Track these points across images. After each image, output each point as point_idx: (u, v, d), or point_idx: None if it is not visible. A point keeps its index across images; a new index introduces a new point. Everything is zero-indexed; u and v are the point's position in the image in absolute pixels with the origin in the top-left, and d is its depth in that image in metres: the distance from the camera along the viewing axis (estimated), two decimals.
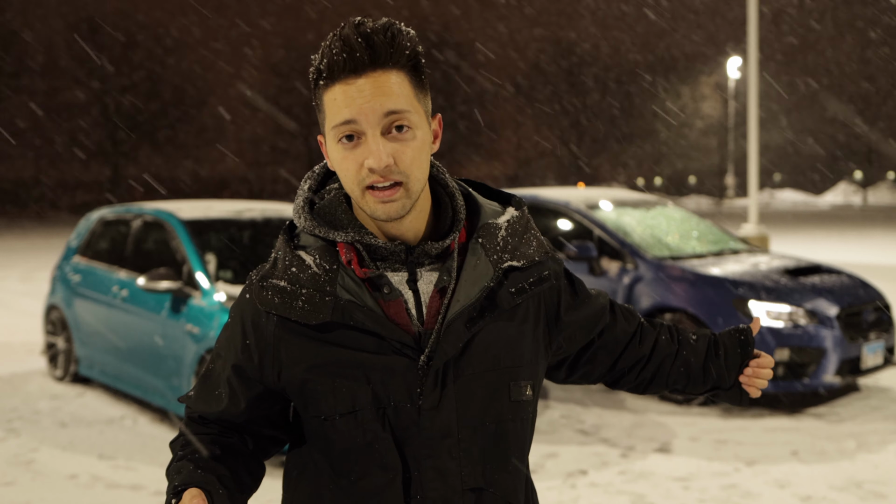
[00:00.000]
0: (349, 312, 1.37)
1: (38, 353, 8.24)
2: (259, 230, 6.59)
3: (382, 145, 1.33)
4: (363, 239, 1.40)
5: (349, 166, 1.35)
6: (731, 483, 4.80)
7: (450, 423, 1.40)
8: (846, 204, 54.63)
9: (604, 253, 7.03)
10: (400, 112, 1.34)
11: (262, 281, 1.44)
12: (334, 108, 1.35)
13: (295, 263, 1.41)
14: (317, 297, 1.38)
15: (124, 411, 6.47)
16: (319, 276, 1.39)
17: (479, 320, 1.41)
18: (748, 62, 13.63)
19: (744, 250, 7.59)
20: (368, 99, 1.32)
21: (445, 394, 1.40)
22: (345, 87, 1.33)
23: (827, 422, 5.99)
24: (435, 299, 1.42)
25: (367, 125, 1.33)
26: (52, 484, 4.91)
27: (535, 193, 7.98)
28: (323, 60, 1.35)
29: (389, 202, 1.35)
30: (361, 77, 1.33)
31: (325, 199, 1.47)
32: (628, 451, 5.37)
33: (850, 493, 4.61)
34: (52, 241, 23.25)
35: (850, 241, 22.27)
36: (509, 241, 1.46)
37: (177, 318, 5.67)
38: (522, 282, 1.46)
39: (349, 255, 1.41)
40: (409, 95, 1.36)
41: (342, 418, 1.41)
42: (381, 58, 1.33)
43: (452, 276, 1.42)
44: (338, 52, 1.32)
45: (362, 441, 1.41)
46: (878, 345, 6.48)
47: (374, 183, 1.34)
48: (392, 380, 1.39)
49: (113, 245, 7.07)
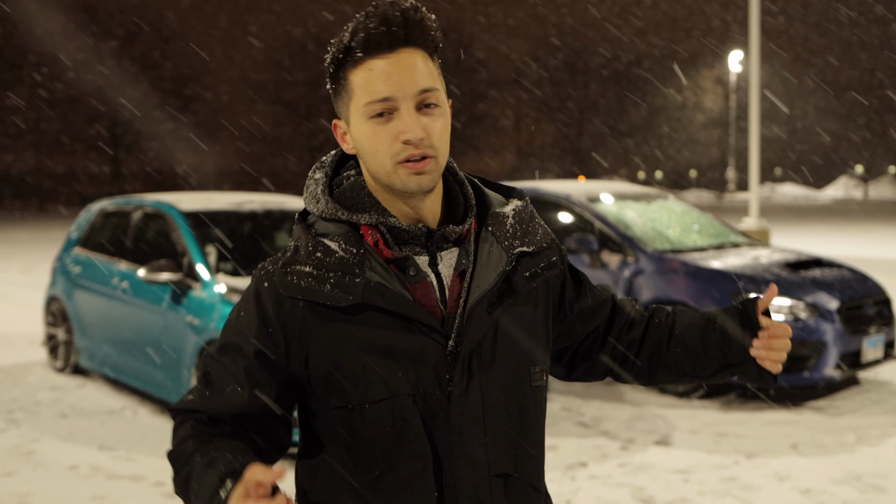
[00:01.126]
0: (379, 294, 1.37)
1: (38, 345, 8.25)
2: (260, 222, 6.59)
3: (417, 118, 1.36)
4: (387, 221, 1.41)
5: (381, 140, 1.37)
6: (730, 476, 4.80)
7: (477, 410, 1.42)
8: (847, 198, 54.61)
9: (605, 246, 7.03)
10: (432, 90, 1.38)
11: (285, 267, 1.42)
12: (367, 85, 1.36)
13: (320, 249, 1.40)
14: (346, 280, 1.37)
15: (125, 402, 6.48)
16: (347, 260, 1.39)
17: (498, 305, 1.43)
18: (749, 56, 13.61)
19: (744, 244, 7.59)
20: (405, 76, 1.35)
21: (472, 381, 1.41)
22: (380, 62, 1.35)
23: (827, 415, 5.99)
24: (455, 283, 1.43)
25: (403, 101, 1.35)
26: (53, 475, 4.92)
27: (536, 186, 7.97)
28: (357, 36, 1.35)
29: (422, 174, 1.37)
30: (394, 53, 1.35)
31: (344, 184, 1.48)
32: (628, 443, 5.38)
33: (849, 486, 4.61)
34: (52, 233, 23.25)
35: (850, 235, 22.26)
36: (518, 228, 1.48)
37: (177, 309, 5.68)
38: (534, 267, 1.48)
39: (375, 237, 1.42)
40: (434, 74, 1.40)
41: (372, 406, 1.39)
42: (414, 36, 1.36)
43: (470, 259, 1.44)
44: (375, 26, 1.34)
45: (392, 430, 1.39)
46: (878, 339, 6.48)
47: (409, 156, 1.36)
48: (422, 366, 1.39)
49: (113, 237, 7.06)
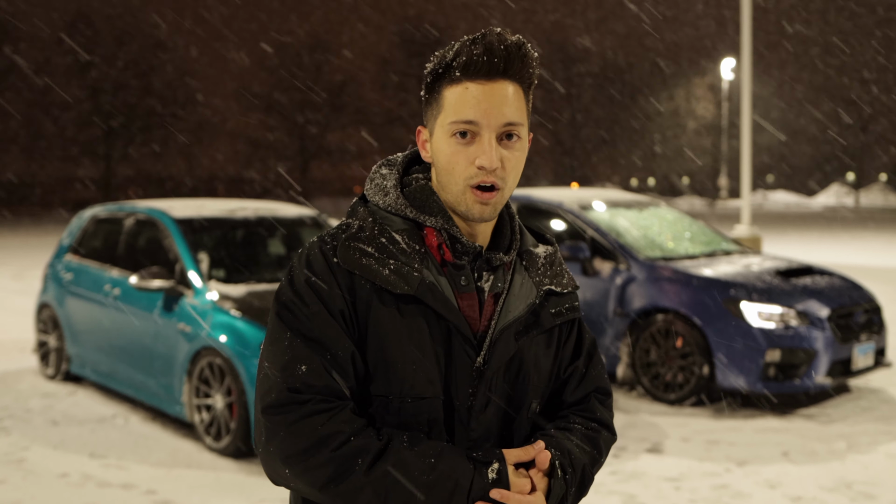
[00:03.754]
0: (433, 293, 1.42)
1: (29, 352, 8.22)
2: (252, 229, 6.59)
3: (496, 149, 1.42)
4: (451, 229, 1.46)
5: (459, 160, 1.42)
6: (721, 483, 4.81)
7: (491, 428, 1.47)
8: (838, 205, 54.76)
9: (597, 253, 7.04)
10: (516, 124, 1.44)
11: (348, 241, 1.44)
12: (457, 105, 1.41)
13: (385, 235, 1.45)
14: (405, 269, 1.42)
15: (116, 410, 6.46)
16: (408, 253, 1.44)
17: (524, 335, 1.49)
18: (741, 63, 13.66)
19: (736, 251, 7.61)
20: (494, 105, 1.41)
21: (491, 399, 1.46)
22: (475, 86, 1.41)
23: (818, 423, 6.01)
24: (489, 304, 1.48)
25: (486, 128, 1.41)
26: (43, 482, 4.90)
27: (529, 194, 7.98)
28: (459, 57, 1.41)
29: (486, 204, 1.43)
30: (490, 82, 1.41)
31: (414, 185, 1.52)
32: (620, 451, 5.38)
33: (840, 494, 4.63)
34: (44, 240, 23.17)
35: (842, 243, 22.33)
36: (548, 268, 1.56)
37: (169, 316, 5.67)
38: (559, 306, 1.56)
39: (440, 240, 1.47)
40: (523, 110, 1.46)
41: (414, 402, 1.43)
42: (514, 70, 1.42)
43: (505, 286, 1.49)
44: (479, 53, 1.40)
45: (425, 429, 1.43)
46: (868, 346, 6.51)
47: (481, 182, 1.41)
48: (453, 374, 1.44)
49: (105, 243, 7.05)
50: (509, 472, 1.39)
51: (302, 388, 1.37)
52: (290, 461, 1.36)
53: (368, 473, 1.33)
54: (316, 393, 1.38)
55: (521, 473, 1.41)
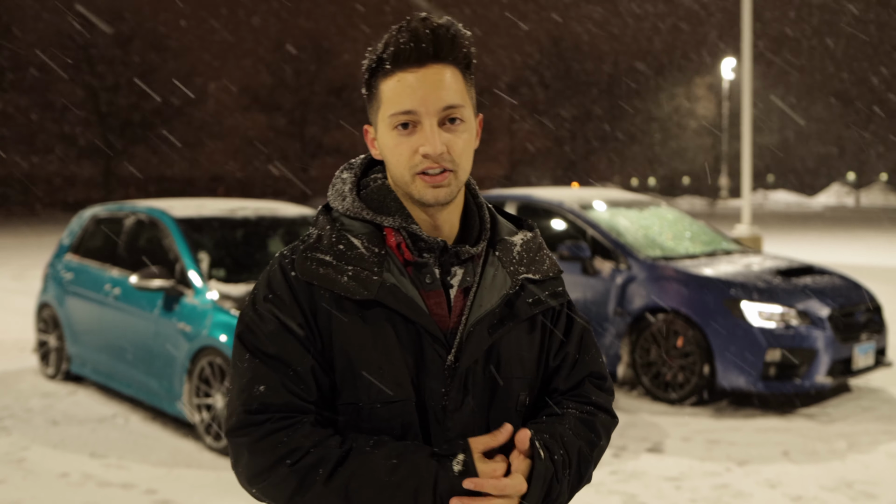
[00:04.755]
0: (394, 295, 1.40)
1: (29, 352, 8.22)
2: (252, 229, 6.59)
3: (438, 134, 1.39)
4: (409, 227, 1.44)
5: (403, 151, 1.41)
6: (722, 483, 4.81)
7: (468, 426, 1.44)
8: (839, 205, 54.76)
9: (597, 253, 7.04)
10: (456, 106, 1.41)
11: (305, 252, 1.44)
12: (393, 97, 1.40)
13: (343, 242, 1.44)
14: (363, 275, 1.41)
15: (116, 410, 6.45)
16: (367, 258, 1.42)
17: (499, 327, 1.46)
18: (742, 63, 13.66)
19: (736, 251, 7.61)
20: (429, 91, 1.39)
21: (466, 396, 1.44)
22: (407, 76, 1.39)
23: (818, 422, 6.01)
24: (459, 298, 1.46)
25: (426, 115, 1.39)
26: (44, 482, 4.90)
27: (529, 193, 7.98)
28: (387, 49, 1.40)
29: (439, 187, 1.41)
30: (423, 68, 1.39)
31: (372, 186, 1.51)
32: (620, 450, 5.38)
33: (840, 494, 4.62)
34: (44, 239, 23.18)
35: (842, 243, 22.33)
36: (524, 256, 1.52)
37: (169, 316, 5.67)
38: (538, 294, 1.51)
39: (398, 240, 1.45)
40: (462, 91, 1.43)
41: (384, 407, 1.41)
42: (444, 52, 1.40)
43: (476, 279, 1.46)
44: (405, 41, 1.39)
45: (396, 434, 1.41)
46: (869, 346, 6.51)
47: (426, 169, 1.40)
48: (424, 374, 1.42)
49: (105, 243, 7.05)
50: (476, 461, 1.34)
51: (260, 409, 1.38)
52: (255, 480, 1.38)
53: (328, 482, 1.33)
54: (275, 411, 1.38)
55: (493, 460, 1.36)
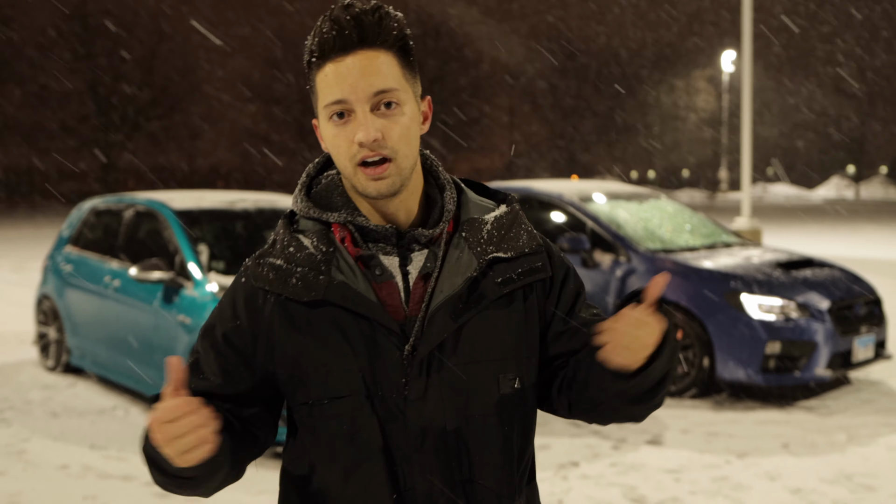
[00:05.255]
0: (340, 292, 1.38)
1: (29, 343, 8.22)
2: (252, 220, 6.58)
3: (371, 120, 1.36)
4: (355, 220, 1.43)
5: (340, 143, 1.39)
6: (721, 475, 4.81)
7: (436, 415, 1.40)
8: (839, 198, 54.76)
9: (597, 245, 7.04)
10: (389, 90, 1.37)
11: (258, 258, 1.47)
12: (325, 88, 1.38)
13: (293, 244, 1.44)
14: (311, 276, 1.40)
15: (116, 401, 6.46)
16: (315, 257, 1.41)
17: (465, 311, 1.40)
18: (742, 56, 13.64)
19: (736, 244, 7.61)
20: (358, 78, 1.36)
21: (431, 385, 1.39)
22: (335, 65, 1.37)
23: (818, 415, 6.01)
24: (419, 286, 1.42)
25: (357, 103, 1.36)
26: (44, 474, 4.91)
27: (529, 186, 7.98)
28: (314, 40, 1.39)
29: (380, 179, 1.38)
30: (350, 55, 1.36)
31: (323, 182, 1.51)
32: (620, 443, 5.39)
33: (840, 486, 4.63)
34: (43, 231, 23.16)
35: (842, 236, 22.33)
36: (494, 234, 1.46)
37: (169, 308, 5.66)
38: (510, 272, 1.45)
39: (343, 234, 1.44)
40: (398, 75, 1.39)
41: (331, 403, 1.41)
42: (370, 37, 1.36)
43: (437, 263, 1.42)
44: (328, 30, 1.36)
45: (349, 430, 1.40)
46: (869, 338, 6.51)
47: (364, 158, 1.37)
48: (380, 367, 1.39)
49: (105, 235, 7.05)
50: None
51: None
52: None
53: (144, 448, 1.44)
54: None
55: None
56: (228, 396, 1.47)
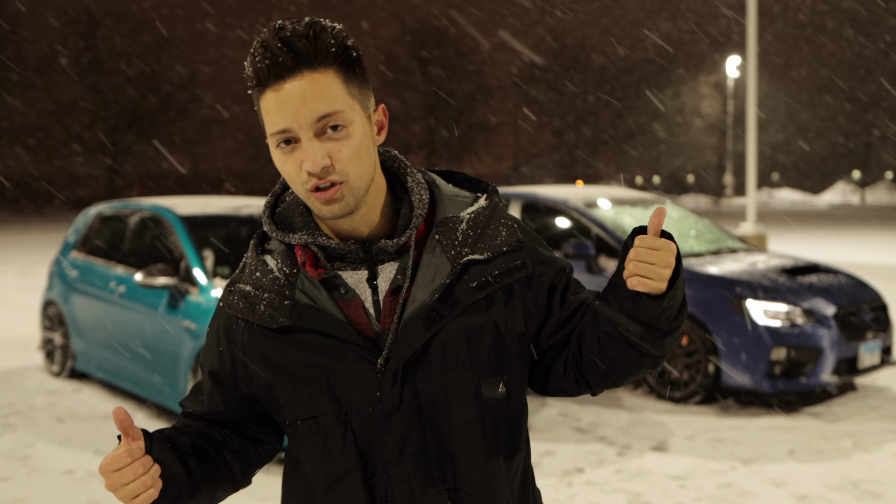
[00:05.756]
0: (307, 316, 1.38)
1: (35, 349, 8.23)
2: (257, 226, 6.58)
3: (316, 148, 1.31)
4: (316, 240, 1.40)
5: (290, 170, 1.34)
6: (727, 482, 4.80)
7: (413, 426, 1.38)
8: (844, 203, 54.65)
9: (602, 251, 7.03)
10: (332, 114, 1.31)
11: (230, 286, 1.48)
12: (268, 117, 1.33)
13: (259, 268, 1.44)
14: (276, 302, 1.40)
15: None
16: (279, 280, 1.41)
17: (438, 320, 1.37)
18: (747, 61, 13.63)
19: (742, 249, 7.59)
20: (298, 105, 1.30)
21: (405, 396, 1.38)
22: (274, 93, 1.31)
23: (824, 421, 5.99)
24: (389, 298, 1.40)
25: (301, 130, 1.31)
26: (49, 479, 4.91)
27: (534, 191, 7.97)
28: (250, 69, 1.33)
29: (332, 202, 1.34)
30: (287, 81, 1.30)
31: (286, 201, 1.49)
32: (625, 449, 5.38)
33: (846, 493, 4.61)
34: (49, 237, 23.22)
35: (848, 241, 22.28)
36: (469, 234, 1.41)
37: (174, 314, 5.67)
38: (486, 275, 1.40)
39: (304, 257, 1.41)
40: (341, 94, 1.32)
41: (304, 423, 1.43)
42: (306, 59, 1.30)
43: (407, 274, 1.38)
44: (260, 59, 1.30)
45: (324, 447, 1.42)
46: (875, 344, 6.49)
47: (315, 185, 1.33)
48: (352, 384, 1.38)
49: (110, 241, 7.06)
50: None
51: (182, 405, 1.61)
52: None
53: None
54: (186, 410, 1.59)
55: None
56: (230, 420, 1.52)
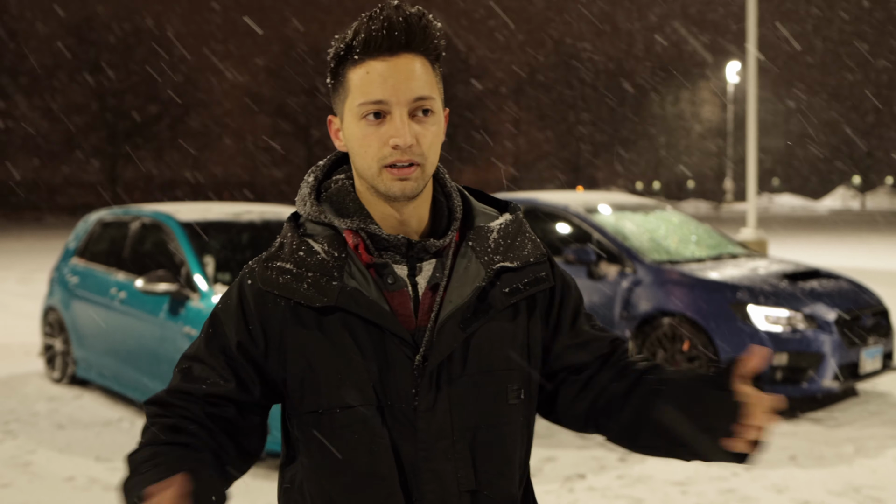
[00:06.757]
0: (354, 299, 1.37)
1: (35, 355, 8.23)
2: (257, 232, 6.59)
3: (409, 126, 1.35)
4: (368, 227, 1.41)
5: (371, 143, 1.37)
6: (728, 487, 4.79)
7: (445, 425, 1.40)
8: (845, 209, 54.67)
9: (602, 257, 7.03)
10: (427, 98, 1.37)
11: (266, 262, 1.45)
12: (364, 86, 1.36)
13: (303, 248, 1.42)
14: (323, 281, 1.39)
15: (122, 413, 6.46)
16: (327, 262, 1.40)
17: (473, 321, 1.40)
18: (747, 67, 13.65)
19: (742, 255, 7.59)
20: (402, 81, 1.34)
21: (440, 395, 1.39)
22: (377, 64, 1.35)
23: (825, 426, 5.99)
24: (427, 296, 1.42)
25: (396, 105, 1.35)
26: (49, 486, 4.90)
27: (534, 197, 7.98)
28: (358, 36, 1.35)
29: (406, 180, 1.36)
30: (395, 57, 1.35)
31: (333, 187, 1.49)
32: (626, 455, 5.37)
33: (847, 498, 4.60)
34: (50, 243, 23.23)
35: (848, 246, 22.28)
36: (501, 243, 1.46)
37: (175, 320, 5.67)
38: (516, 282, 1.45)
39: (356, 241, 1.42)
40: (433, 84, 1.39)
41: (343, 412, 1.39)
42: (416, 42, 1.36)
43: (445, 273, 1.42)
44: (377, 28, 1.34)
45: (361, 439, 1.39)
46: (876, 350, 6.48)
47: (395, 161, 1.36)
48: (390, 376, 1.39)
49: (111, 247, 7.06)
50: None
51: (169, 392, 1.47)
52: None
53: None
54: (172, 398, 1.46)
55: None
56: (239, 402, 1.45)
